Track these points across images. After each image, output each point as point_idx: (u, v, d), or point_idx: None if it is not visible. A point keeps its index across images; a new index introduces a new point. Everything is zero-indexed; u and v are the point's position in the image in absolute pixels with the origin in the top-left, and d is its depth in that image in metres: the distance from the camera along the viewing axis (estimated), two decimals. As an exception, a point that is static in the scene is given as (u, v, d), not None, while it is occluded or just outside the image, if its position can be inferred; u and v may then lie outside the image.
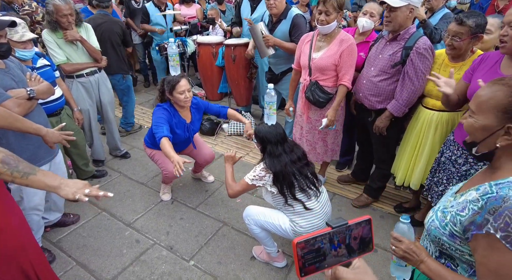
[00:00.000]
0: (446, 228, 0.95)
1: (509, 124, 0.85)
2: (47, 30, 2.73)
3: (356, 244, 0.65)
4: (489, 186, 0.88)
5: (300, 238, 0.60)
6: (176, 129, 2.47)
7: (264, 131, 1.95)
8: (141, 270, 2.19)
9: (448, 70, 2.02)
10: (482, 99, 0.90)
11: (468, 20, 1.84)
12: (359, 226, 0.64)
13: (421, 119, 2.13)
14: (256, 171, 1.95)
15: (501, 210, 0.80)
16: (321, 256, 0.61)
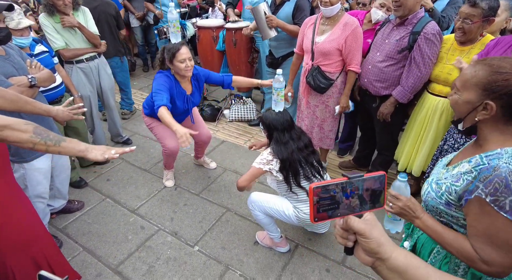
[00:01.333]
0: (442, 198, 1.02)
1: (487, 100, 0.92)
2: (44, 14, 2.65)
3: (368, 198, 0.65)
4: (480, 157, 0.95)
5: (317, 183, 0.60)
6: (176, 100, 2.39)
7: (271, 118, 1.92)
8: (147, 255, 2.23)
9: (457, 54, 2.00)
10: (466, 77, 0.97)
11: (481, 2, 1.80)
12: (373, 180, 0.65)
13: (426, 105, 2.12)
14: (264, 154, 1.94)
15: (491, 178, 0.88)
16: (334, 205, 0.62)
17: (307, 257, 2.22)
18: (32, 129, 1.21)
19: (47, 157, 2.06)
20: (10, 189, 1.42)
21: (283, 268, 2.15)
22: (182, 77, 2.39)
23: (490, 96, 0.92)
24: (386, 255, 0.61)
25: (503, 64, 0.91)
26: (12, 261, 1.39)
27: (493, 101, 0.91)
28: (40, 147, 1.21)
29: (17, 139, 1.18)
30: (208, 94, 4.61)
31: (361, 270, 2.13)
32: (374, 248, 0.61)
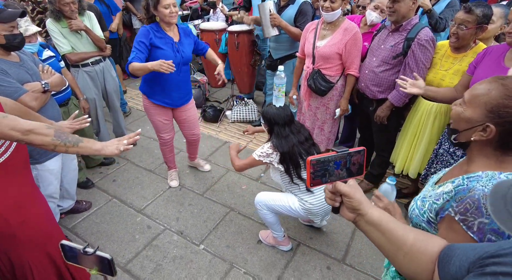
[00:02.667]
0: (424, 216, 1.04)
1: (488, 123, 0.89)
2: (51, 19, 2.72)
3: (351, 168, 0.82)
4: (462, 179, 0.95)
5: (313, 157, 0.76)
6: (163, 46, 2.30)
7: (272, 113, 1.98)
8: (154, 254, 2.32)
9: (450, 60, 2.07)
10: (477, 92, 0.93)
11: (476, 9, 1.87)
12: (356, 153, 0.81)
13: (421, 109, 2.19)
14: (264, 148, 2.00)
15: (464, 198, 0.89)
16: (326, 173, 0.79)
17: (308, 255, 2.31)
18: (53, 133, 1.30)
19: (58, 158, 2.14)
20: (30, 189, 1.50)
21: (286, 266, 2.24)
22: (167, 25, 2.32)
23: (494, 120, 0.88)
24: (364, 211, 0.77)
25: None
26: (31, 258, 1.47)
27: (495, 125, 0.88)
28: (60, 148, 1.30)
29: (41, 142, 1.27)
30: (210, 95, 4.68)
31: (360, 267, 2.22)
32: (356, 206, 0.77)
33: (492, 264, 0.55)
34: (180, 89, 2.54)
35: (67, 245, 1.06)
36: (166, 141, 2.78)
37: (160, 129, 2.68)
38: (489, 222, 0.85)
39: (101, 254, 1.02)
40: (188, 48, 2.46)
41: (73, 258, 1.08)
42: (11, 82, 1.76)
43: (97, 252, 1.03)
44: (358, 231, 2.47)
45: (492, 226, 0.84)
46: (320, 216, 2.11)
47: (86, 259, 1.05)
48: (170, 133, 2.77)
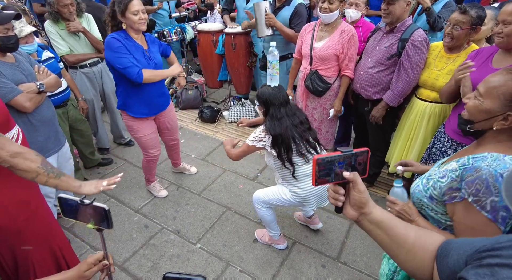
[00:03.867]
0: (428, 192, 1.10)
1: (510, 112, 0.95)
2: (49, 21, 2.75)
3: (357, 167, 0.82)
4: (467, 159, 1.01)
5: (319, 155, 0.77)
6: (135, 54, 2.18)
7: (267, 93, 1.91)
8: (152, 253, 2.34)
9: (444, 61, 2.11)
10: (494, 84, 0.97)
11: (471, 10, 1.91)
12: (360, 154, 0.81)
13: (415, 110, 2.23)
14: (256, 132, 1.95)
15: (472, 179, 0.95)
16: (331, 172, 0.79)
17: (304, 254, 2.34)
18: (40, 160, 1.29)
19: (53, 158, 2.15)
20: (33, 186, 1.53)
21: (281, 264, 2.26)
22: (136, 32, 2.20)
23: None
24: (369, 210, 0.78)
25: None
26: (34, 254, 1.50)
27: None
28: (42, 178, 1.29)
29: (26, 167, 1.25)
30: (208, 96, 4.71)
31: (354, 265, 2.25)
32: (364, 203, 0.78)
33: (489, 257, 0.56)
34: (161, 94, 2.46)
35: (63, 198, 1.06)
36: (155, 157, 2.65)
37: (148, 145, 2.53)
38: (499, 199, 0.92)
39: (98, 205, 1.02)
40: (157, 55, 2.38)
41: (69, 213, 1.08)
42: (6, 83, 1.77)
43: (94, 203, 1.03)
44: (352, 230, 2.51)
45: (503, 203, 0.92)
46: (314, 202, 2.06)
47: (83, 212, 1.05)
48: (158, 147, 2.64)
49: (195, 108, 4.30)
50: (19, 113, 1.87)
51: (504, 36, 1.62)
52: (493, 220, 0.93)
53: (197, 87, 4.38)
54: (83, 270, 1.05)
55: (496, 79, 0.98)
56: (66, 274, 1.05)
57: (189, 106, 4.32)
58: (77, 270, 1.06)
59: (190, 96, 4.30)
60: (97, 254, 1.10)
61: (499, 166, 0.93)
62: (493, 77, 1.00)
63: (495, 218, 0.93)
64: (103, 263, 1.07)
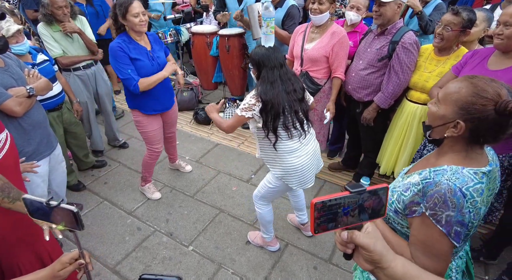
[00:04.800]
0: (392, 205, 1.08)
1: (459, 119, 0.94)
2: (42, 23, 2.76)
3: (369, 209, 0.66)
4: (429, 171, 1.01)
5: (318, 198, 0.62)
6: (139, 56, 2.26)
7: (260, 54, 1.76)
8: (144, 255, 2.34)
9: (434, 63, 2.11)
10: (449, 91, 0.98)
11: (463, 12, 1.92)
12: (375, 193, 0.65)
13: (406, 112, 2.24)
14: (247, 98, 1.80)
15: (432, 193, 0.95)
16: (335, 217, 0.63)
17: (296, 256, 2.34)
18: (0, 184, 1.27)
19: (45, 161, 2.15)
20: (21, 186, 1.53)
21: (273, 266, 2.27)
22: (138, 34, 2.27)
23: (464, 116, 0.93)
24: (386, 265, 0.66)
25: (487, 88, 0.91)
26: (20, 258, 1.49)
27: (464, 122, 0.93)
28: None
29: None
30: (203, 98, 4.72)
31: (346, 267, 2.25)
32: (377, 260, 0.66)
33: None
34: (168, 91, 2.54)
35: (28, 199, 0.99)
36: (158, 153, 2.71)
37: (154, 139, 2.61)
38: (455, 214, 0.92)
39: (65, 207, 0.95)
40: (161, 54, 2.43)
41: (37, 214, 1.02)
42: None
43: (61, 205, 0.95)
44: (345, 232, 2.51)
45: (457, 218, 0.92)
46: (295, 182, 1.95)
47: (51, 213, 0.98)
48: (162, 143, 2.73)
49: (190, 110, 4.30)
50: (9, 118, 1.87)
51: (504, 37, 1.61)
52: (446, 234, 0.93)
53: (192, 88, 4.39)
54: (57, 270, 1.02)
55: (452, 85, 0.98)
56: (38, 274, 1.03)
57: (184, 107, 4.32)
58: (50, 270, 1.03)
59: (185, 98, 4.30)
60: (72, 252, 1.06)
61: (458, 180, 0.94)
62: (451, 83, 0.99)
63: (448, 232, 0.93)
64: (79, 262, 1.04)
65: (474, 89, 0.93)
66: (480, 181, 0.95)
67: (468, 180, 0.94)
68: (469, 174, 0.95)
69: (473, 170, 0.96)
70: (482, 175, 0.96)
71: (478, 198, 0.94)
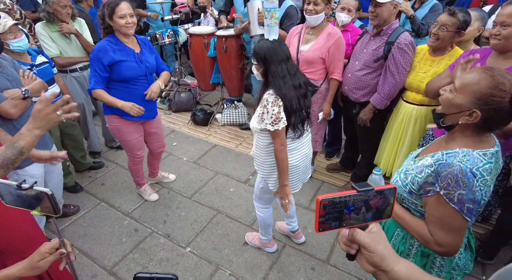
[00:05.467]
0: (407, 187, 1.16)
1: (475, 109, 1.00)
2: (41, 23, 2.76)
3: (376, 209, 0.65)
4: (441, 154, 1.08)
5: (324, 196, 0.60)
6: (125, 57, 2.20)
7: (265, 48, 1.64)
8: (141, 257, 2.34)
9: (428, 63, 2.12)
10: (468, 81, 1.02)
11: (459, 13, 1.94)
12: (383, 193, 0.64)
13: (402, 113, 2.24)
14: (269, 110, 1.62)
15: (445, 174, 1.03)
16: (340, 215, 0.62)
17: (293, 256, 2.34)
18: None
19: (40, 164, 2.14)
20: None
21: (271, 267, 2.26)
22: (125, 36, 2.21)
23: (481, 106, 0.98)
24: (389, 268, 0.64)
25: (504, 81, 0.97)
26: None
27: (480, 111, 0.99)
28: None
29: None
30: (201, 99, 4.71)
31: (344, 268, 2.25)
32: (377, 262, 0.64)
33: None
34: (151, 101, 2.42)
35: None
36: (141, 158, 2.67)
37: (134, 147, 2.55)
38: (466, 192, 1.00)
39: (39, 189, 0.90)
40: (151, 57, 2.36)
41: (9, 199, 0.96)
42: None
43: (34, 187, 0.90)
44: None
45: (468, 196, 1.01)
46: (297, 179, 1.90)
47: (25, 198, 0.93)
48: (143, 149, 2.67)
49: (188, 111, 4.30)
50: (4, 120, 1.85)
51: (501, 38, 1.61)
52: (459, 211, 1.02)
53: (190, 89, 4.39)
54: (35, 260, 0.97)
55: (471, 77, 1.02)
56: (16, 267, 0.98)
57: (182, 108, 4.32)
58: (28, 261, 0.98)
59: (183, 99, 4.30)
60: (52, 242, 0.99)
61: (468, 162, 1.01)
62: (469, 74, 1.04)
63: (461, 209, 1.01)
64: (60, 251, 0.98)
65: (493, 82, 0.98)
66: (489, 161, 1.03)
67: (477, 161, 1.01)
68: (479, 156, 1.03)
69: (482, 152, 1.03)
70: (491, 156, 1.04)
71: (487, 177, 1.01)
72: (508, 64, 1.64)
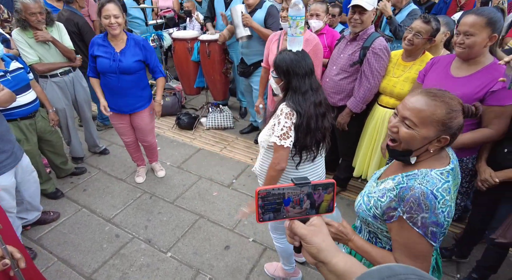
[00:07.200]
0: (371, 211, 1.13)
1: (444, 135, 1.01)
2: (17, 29, 2.72)
3: (317, 203, 0.67)
4: (401, 176, 1.07)
5: (262, 187, 0.63)
6: (103, 54, 2.43)
7: (288, 60, 1.52)
8: (121, 263, 2.32)
9: (401, 68, 2.18)
10: (425, 114, 1.00)
11: (432, 21, 2.00)
12: (322, 187, 0.66)
13: (376, 116, 2.30)
14: (281, 121, 1.51)
15: (408, 197, 1.00)
16: (280, 207, 0.65)
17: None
18: None
19: (9, 174, 2.09)
20: None
21: (251, 271, 2.28)
22: (112, 35, 2.39)
23: (447, 131, 1.01)
24: (326, 260, 0.66)
25: (451, 102, 1.01)
26: None
27: (448, 135, 1.02)
28: None
29: None
30: (187, 103, 4.72)
31: (323, 269, 2.28)
32: (314, 253, 0.67)
33: None
34: (125, 97, 2.62)
35: None
36: (127, 143, 2.98)
37: (118, 132, 2.90)
38: (429, 216, 0.98)
39: None
40: (130, 59, 2.47)
41: None
42: None
43: None
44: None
45: (432, 219, 0.98)
46: None
47: None
48: (130, 137, 2.92)
49: (173, 115, 4.30)
50: None
51: (466, 46, 1.64)
52: (423, 235, 0.98)
53: (175, 93, 4.39)
54: None
55: (426, 108, 1.01)
56: None
57: (166, 113, 4.31)
58: None
59: (168, 103, 4.29)
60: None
61: (428, 183, 1.00)
62: (422, 106, 1.01)
63: (425, 233, 0.98)
64: (3, 262, 0.95)
65: (446, 106, 1.00)
66: (446, 180, 1.02)
67: (436, 181, 1.00)
68: (436, 176, 1.02)
69: (439, 171, 1.03)
70: (447, 174, 1.03)
71: (447, 197, 1.00)
72: (471, 70, 1.70)
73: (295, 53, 1.57)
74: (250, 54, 3.34)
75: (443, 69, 1.85)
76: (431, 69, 1.92)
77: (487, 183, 1.72)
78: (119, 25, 2.34)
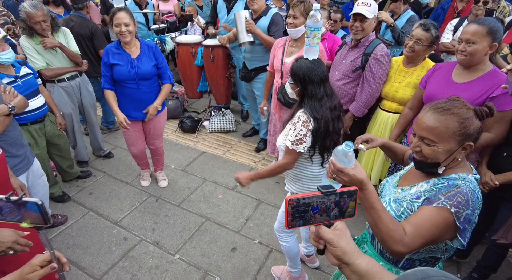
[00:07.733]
0: (402, 216, 1.12)
1: (467, 142, 1.05)
2: (24, 36, 2.76)
3: (341, 208, 0.73)
4: (438, 179, 1.10)
5: (292, 196, 0.67)
6: (120, 62, 2.46)
7: (305, 68, 1.62)
8: (130, 265, 2.37)
9: (402, 74, 2.25)
10: (440, 130, 1.04)
11: (432, 29, 2.07)
12: (347, 194, 0.72)
13: (379, 120, 2.37)
14: (297, 127, 1.61)
15: (453, 193, 1.03)
16: (307, 214, 0.70)
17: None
18: None
19: (22, 178, 2.14)
20: None
21: (258, 272, 2.33)
22: (124, 42, 2.45)
23: (467, 139, 1.04)
24: (350, 261, 0.73)
25: (462, 112, 1.04)
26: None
27: (471, 141, 1.05)
28: None
29: None
30: (189, 106, 4.77)
31: (328, 270, 2.34)
32: (340, 255, 0.73)
33: None
34: (145, 103, 2.64)
35: None
36: (133, 154, 2.96)
37: (129, 141, 2.86)
38: (470, 213, 1.02)
39: (28, 200, 0.89)
40: (147, 64, 2.53)
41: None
42: None
43: (23, 198, 0.89)
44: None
45: (471, 217, 1.02)
46: None
47: (12, 210, 0.91)
48: (139, 147, 2.89)
49: (176, 118, 4.35)
50: None
51: (467, 54, 1.72)
52: (461, 228, 1.01)
53: (177, 97, 4.44)
54: (26, 273, 0.95)
55: (439, 125, 1.04)
56: (7, 278, 0.97)
57: (169, 116, 4.34)
58: (19, 273, 0.96)
59: (171, 107, 4.35)
60: (44, 254, 0.98)
61: (472, 184, 1.06)
62: (434, 123, 1.04)
63: (463, 227, 1.01)
64: (51, 266, 0.98)
65: (457, 118, 1.04)
66: (478, 187, 1.08)
67: (476, 185, 1.07)
68: (474, 180, 1.08)
69: (474, 177, 1.09)
70: (477, 182, 1.10)
71: (480, 202, 1.05)
72: (472, 76, 1.77)
73: (311, 61, 1.67)
74: (253, 59, 3.40)
75: (445, 75, 1.92)
76: (433, 75, 1.99)
77: (488, 186, 1.79)
78: (129, 33, 2.39)
